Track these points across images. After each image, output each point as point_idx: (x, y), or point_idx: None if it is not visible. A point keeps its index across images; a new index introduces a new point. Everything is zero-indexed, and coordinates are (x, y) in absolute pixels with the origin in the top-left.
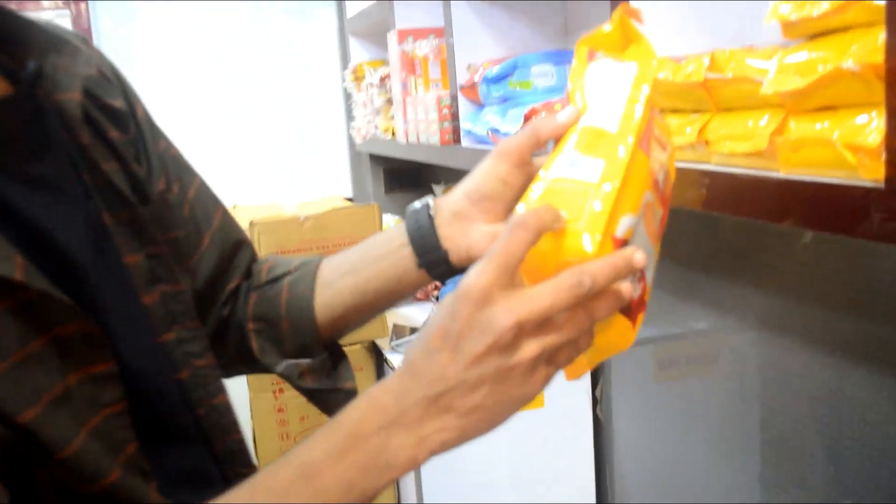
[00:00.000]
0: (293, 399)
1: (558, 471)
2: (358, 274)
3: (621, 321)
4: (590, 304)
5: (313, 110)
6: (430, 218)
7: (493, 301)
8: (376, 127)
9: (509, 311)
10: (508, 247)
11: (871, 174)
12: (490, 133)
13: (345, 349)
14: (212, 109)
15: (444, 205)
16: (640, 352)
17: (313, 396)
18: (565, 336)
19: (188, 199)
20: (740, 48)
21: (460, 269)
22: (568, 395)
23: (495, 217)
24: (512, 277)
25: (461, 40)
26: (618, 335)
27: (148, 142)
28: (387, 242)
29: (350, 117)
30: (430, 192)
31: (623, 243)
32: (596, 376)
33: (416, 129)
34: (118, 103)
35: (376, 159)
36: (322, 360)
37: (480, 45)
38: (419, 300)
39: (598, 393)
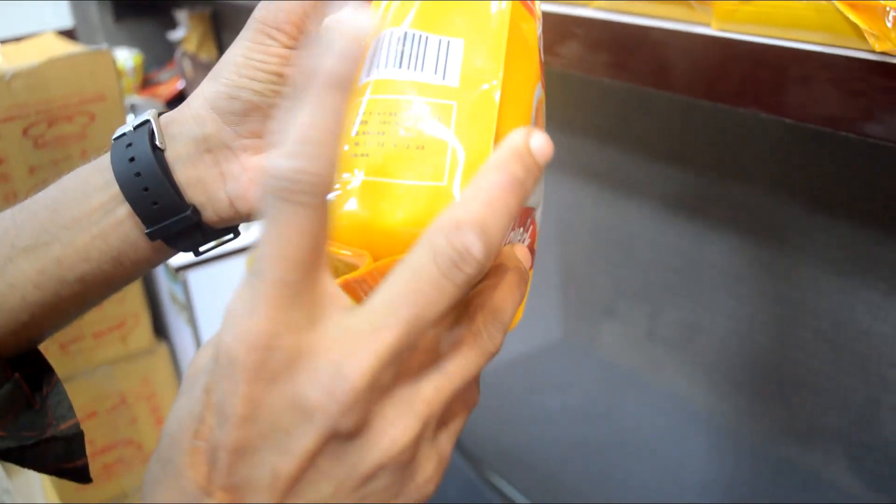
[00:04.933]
0: None
1: None
2: (44, 251)
3: None
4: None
5: None
6: (158, 152)
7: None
8: None
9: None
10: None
11: (888, 45)
12: None
13: None
14: None
15: (180, 126)
16: None
17: (13, 458)
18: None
19: None
20: None
21: (225, 231)
22: None
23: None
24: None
25: None
26: None
27: None
28: (85, 194)
29: None
30: (171, 19)
31: None
32: None
33: None
34: None
35: None
36: (10, 392)
37: None
38: None
39: None
